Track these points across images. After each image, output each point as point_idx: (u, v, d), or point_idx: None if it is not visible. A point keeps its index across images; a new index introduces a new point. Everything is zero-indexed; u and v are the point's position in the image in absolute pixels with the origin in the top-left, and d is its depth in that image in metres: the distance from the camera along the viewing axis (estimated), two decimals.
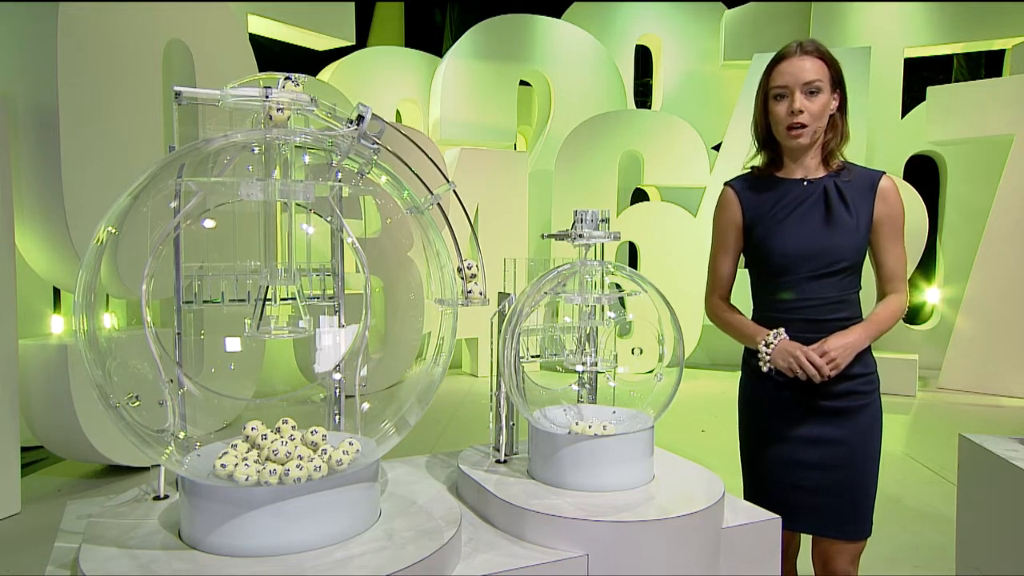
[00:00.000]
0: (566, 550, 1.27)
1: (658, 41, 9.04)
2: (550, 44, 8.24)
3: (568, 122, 7.70)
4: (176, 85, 1.22)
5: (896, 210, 1.80)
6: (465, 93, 7.97)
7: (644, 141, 7.42)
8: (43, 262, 3.99)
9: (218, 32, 4.90)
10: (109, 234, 1.18)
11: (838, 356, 1.70)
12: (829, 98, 1.77)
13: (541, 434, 1.46)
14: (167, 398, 1.29)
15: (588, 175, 7.30)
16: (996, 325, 6.49)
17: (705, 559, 1.34)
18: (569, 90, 8.20)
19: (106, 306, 1.22)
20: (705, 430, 4.78)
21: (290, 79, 1.23)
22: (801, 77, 1.74)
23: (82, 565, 1.07)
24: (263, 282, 1.28)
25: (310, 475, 1.15)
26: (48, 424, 3.93)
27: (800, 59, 1.76)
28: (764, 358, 1.76)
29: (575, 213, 1.49)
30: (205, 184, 1.27)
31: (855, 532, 1.81)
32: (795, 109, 1.74)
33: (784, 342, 1.75)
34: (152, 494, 1.38)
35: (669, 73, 8.98)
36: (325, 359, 1.43)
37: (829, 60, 1.78)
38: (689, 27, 8.92)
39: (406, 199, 1.34)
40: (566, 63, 8.23)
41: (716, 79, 8.85)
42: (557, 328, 1.58)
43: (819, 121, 1.77)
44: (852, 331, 1.74)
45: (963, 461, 2.04)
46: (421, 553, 1.12)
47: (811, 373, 1.70)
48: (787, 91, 1.77)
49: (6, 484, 3.48)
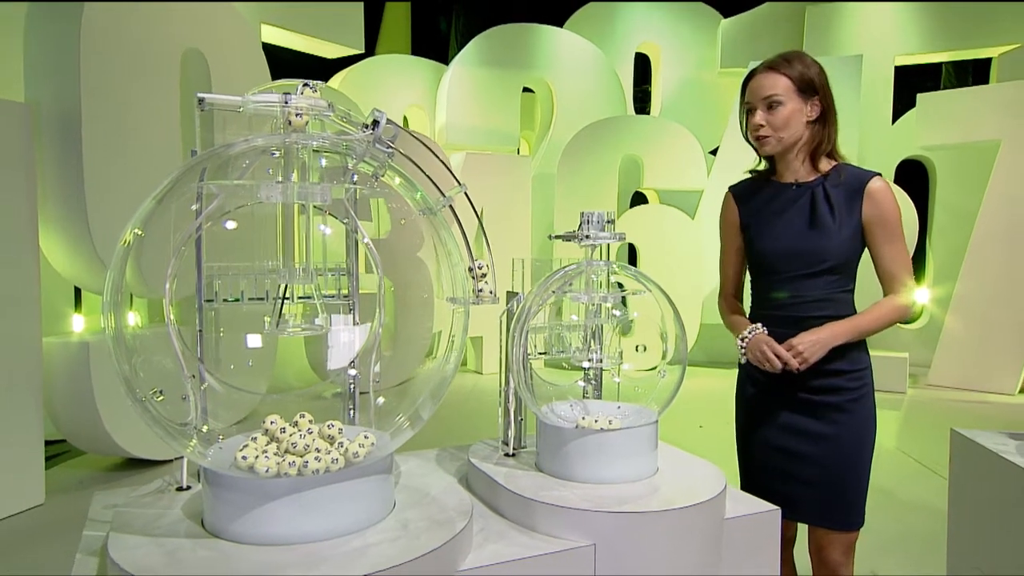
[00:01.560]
0: (574, 540, 1.27)
1: (657, 49, 9.02)
2: (552, 52, 8.23)
3: (570, 127, 7.69)
4: (197, 92, 1.22)
5: (886, 211, 1.77)
6: (470, 99, 7.96)
7: (644, 146, 7.41)
8: (65, 262, 4.00)
9: (233, 41, 4.91)
10: (136, 236, 1.18)
11: (805, 351, 1.70)
12: (796, 108, 1.78)
13: (549, 428, 1.46)
14: (189, 393, 1.29)
15: (589, 179, 7.29)
16: (983, 324, 6.48)
17: (708, 549, 1.34)
18: (571, 96, 8.20)
19: (130, 305, 1.22)
20: (703, 425, 4.78)
21: (308, 86, 1.23)
22: (759, 93, 1.79)
23: (111, 552, 1.07)
24: (282, 281, 1.28)
25: (328, 467, 1.15)
26: (70, 419, 3.94)
27: (762, 75, 1.80)
28: (740, 351, 1.81)
29: (582, 215, 1.50)
30: (225, 187, 1.27)
31: (847, 523, 1.81)
32: (754, 124, 1.80)
33: (757, 336, 1.78)
34: (175, 485, 1.38)
35: (667, 80, 8.97)
36: (340, 356, 1.43)
37: (793, 74, 1.77)
38: (687, 36, 8.91)
39: (419, 201, 1.34)
40: (568, 70, 8.23)
41: (713, 86, 8.84)
42: (564, 326, 1.58)
43: (782, 131, 1.78)
44: (824, 328, 1.74)
45: (955, 455, 2.04)
46: (435, 542, 1.12)
47: (776, 366, 1.72)
48: (751, 107, 1.82)
49: (31, 476, 3.49)
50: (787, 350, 1.72)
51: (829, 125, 1.81)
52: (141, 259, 1.27)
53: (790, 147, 1.82)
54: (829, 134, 1.81)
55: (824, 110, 1.80)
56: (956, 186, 7.55)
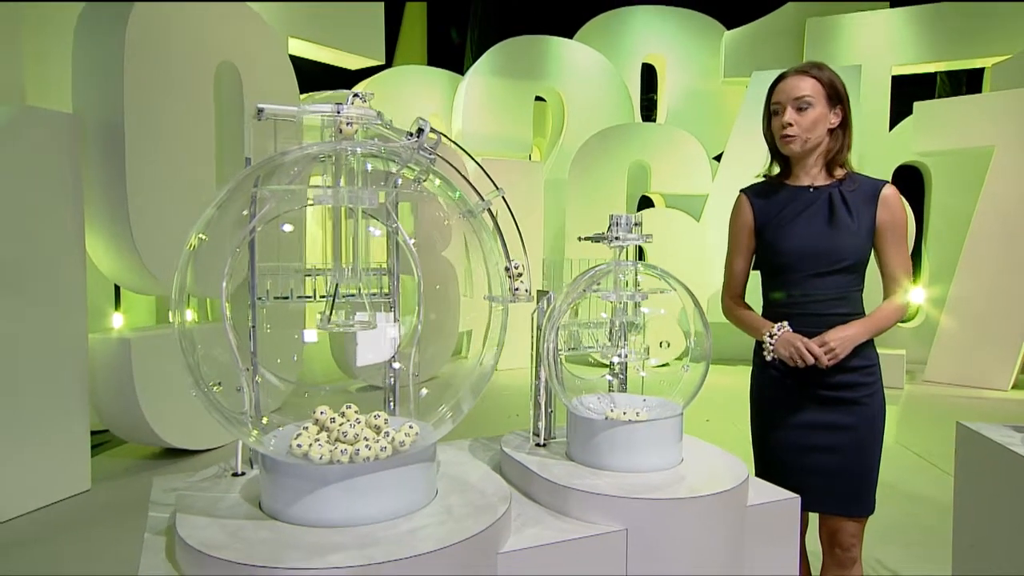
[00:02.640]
0: (607, 525, 1.27)
1: (662, 60, 9.02)
2: (563, 63, 8.24)
3: (580, 134, 7.70)
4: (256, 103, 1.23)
5: (897, 216, 1.80)
6: (485, 108, 7.98)
7: (651, 152, 7.41)
8: (108, 263, 4.04)
9: (263, 54, 4.94)
10: (200, 240, 1.20)
11: (837, 347, 1.71)
12: (823, 113, 1.79)
13: (580, 420, 1.47)
14: (243, 384, 1.31)
15: (599, 183, 7.30)
16: (977, 324, 6.44)
17: (732, 534, 1.35)
18: (581, 105, 8.20)
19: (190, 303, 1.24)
20: (709, 420, 4.77)
21: (358, 96, 1.25)
22: (792, 93, 1.79)
23: (179, 532, 1.09)
24: (333, 280, 1.29)
25: (377, 455, 1.17)
26: (113, 410, 3.98)
27: (793, 78, 1.81)
28: (768, 348, 1.80)
29: (611, 217, 1.51)
30: (278, 192, 1.29)
31: (860, 510, 1.82)
32: (784, 122, 1.80)
33: (787, 333, 1.77)
34: (231, 471, 1.40)
35: (673, 89, 8.96)
36: (383, 350, 1.45)
37: (824, 79, 1.80)
38: (691, 47, 8.90)
39: (459, 202, 1.35)
40: (578, 80, 8.23)
41: (717, 95, 8.83)
42: (592, 323, 1.59)
43: (809, 132, 1.79)
44: (852, 325, 1.76)
45: (960, 447, 2.03)
46: (479, 526, 1.14)
47: (810, 361, 1.72)
48: (780, 107, 1.82)
49: (78, 464, 3.53)
50: (820, 346, 1.72)
51: (847, 134, 1.82)
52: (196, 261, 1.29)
53: (811, 150, 1.82)
54: (847, 142, 1.82)
55: (845, 119, 1.82)
56: (951, 190, 7.51)
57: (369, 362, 1.47)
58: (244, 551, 1.04)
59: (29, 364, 3.32)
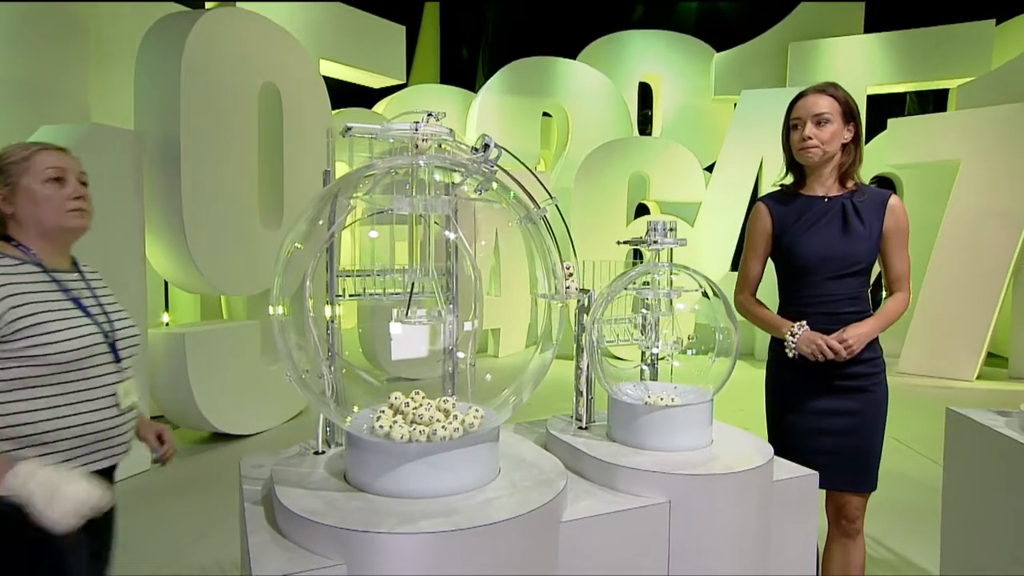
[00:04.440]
0: (652, 498, 1.31)
1: (658, 78, 9.05)
2: (568, 81, 8.27)
3: (583, 146, 7.73)
4: (346, 122, 1.27)
5: (902, 223, 1.84)
6: (496, 123, 8.01)
7: (650, 163, 7.44)
8: (164, 263, 4.07)
9: (300, 75, 4.97)
10: (295, 249, 1.24)
11: (854, 343, 1.74)
12: (839, 128, 1.81)
13: (621, 404, 1.51)
14: (324, 371, 1.35)
15: (602, 192, 7.32)
16: (945, 322, 6.49)
17: (761, 506, 1.38)
18: (584, 120, 8.24)
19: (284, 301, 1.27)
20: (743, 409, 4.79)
21: (432, 115, 1.28)
22: (812, 110, 1.81)
23: (283, 501, 1.12)
24: (410, 279, 1.33)
25: (451, 435, 1.20)
26: (169, 398, 4.02)
27: (813, 96, 1.82)
28: (790, 345, 1.80)
29: (648, 223, 1.54)
30: (359, 201, 1.32)
31: (865, 486, 1.85)
32: (804, 136, 1.82)
33: (807, 332, 1.78)
34: (312, 450, 1.43)
35: (667, 106, 8.99)
36: (445, 340, 1.48)
37: (840, 98, 1.82)
38: (684, 67, 8.93)
39: (517, 208, 1.38)
40: (581, 97, 8.26)
41: (707, 111, 8.86)
42: (630, 318, 1.63)
43: (827, 145, 1.81)
44: (866, 323, 1.78)
45: (949, 429, 2.06)
46: (544, 498, 1.17)
47: (830, 356, 1.74)
48: (800, 122, 1.83)
49: (138, 446, 3.55)
50: (839, 342, 1.74)
51: (859, 149, 1.84)
52: (290, 265, 1.33)
53: (827, 162, 1.84)
54: (858, 156, 1.84)
55: (856, 135, 1.84)
56: (921, 199, 7.53)
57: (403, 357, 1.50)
58: (343, 518, 1.07)
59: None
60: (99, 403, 1.38)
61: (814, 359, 1.77)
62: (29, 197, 1.36)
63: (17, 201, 1.36)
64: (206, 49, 3.94)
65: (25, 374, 1.28)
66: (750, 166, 7.26)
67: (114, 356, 1.42)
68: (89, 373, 1.36)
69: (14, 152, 1.38)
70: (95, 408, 1.37)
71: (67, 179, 1.42)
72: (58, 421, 1.31)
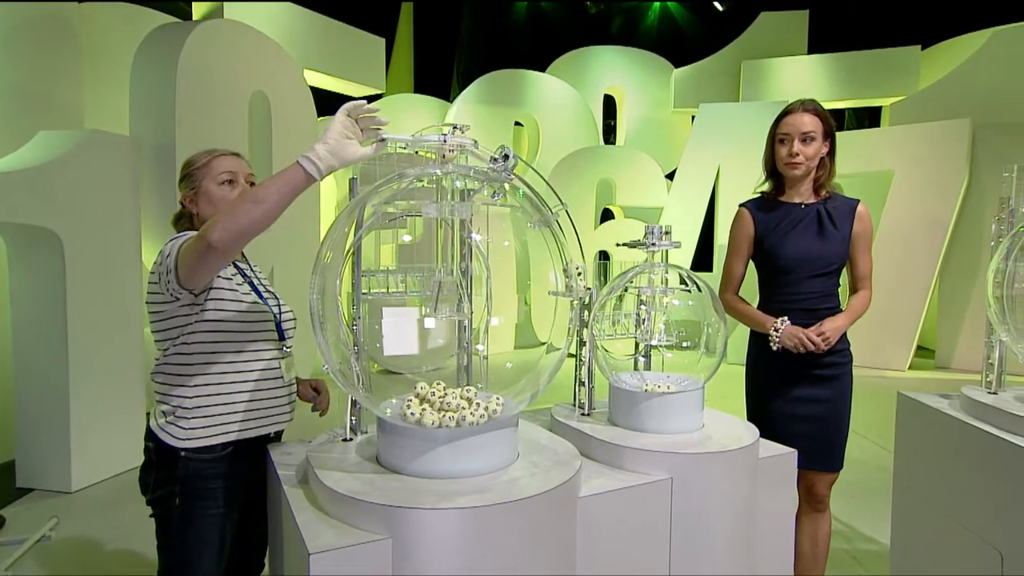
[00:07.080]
0: (656, 475, 1.37)
1: (621, 91, 9.21)
2: (538, 93, 8.35)
3: (553, 154, 7.82)
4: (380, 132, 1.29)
5: (868, 228, 1.93)
6: (471, 131, 7.99)
7: (615, 170, 7.57)
8: None
9: (288, 84, 4.92)
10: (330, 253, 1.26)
11: (831, 335, 1.83)
12: (820, 145, 1.89)
13: (622, 392, 1.56)
14: (353, 364, 1.37)
15: (571, 198, 7.39)
16: (880, 318, 6.75)
17: (750, 480, 1.46)
18: (553, 129, 8.33)
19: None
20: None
21: (457, 127, 1.32)
22: (800, 128, 1.86)
23: (325, 482, 1.15)
24: (437, 278, 1.36)
25: (477, 421, 1.24)
26: None
27: (800, 114, 1.87)
28: (774, 339, 1.86)
29: (646, 227, 1.60)
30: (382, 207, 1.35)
31: (834, 465, 1.93)
32: (793, 152, 1.87)
33: (788, 327, 1.86)
34: (341, 436, 1.45)
35: (630, 117, 9.16)
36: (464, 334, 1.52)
37: (823, 116, 1.89)
38: (646, 81, 9.12)
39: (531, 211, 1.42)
40: (550, 108, 8.35)
41: (667, 123, 9.06)
42: (629, 313, 1.69)
43: (811, 161, 1.88)
44: (839, 317, 1.87)
45: (900, 411, 2.17)
46: (563, 477, 1.22)
47: (811, 348, 1.82)
48: (788, 137, 1.88)
49: (135, 440, 3.44)
50: (818, 335, 1.82)
51: (833, 161, 1.93)
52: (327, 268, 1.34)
53: (808, 173, 1.91)
54: (832, 168, 1.93)
55: (832, 149, 1.92)
56: None
57: (395, 352, 1.53)
58: (387, 496, 1.11)
59: (97, 356, 3.28)
60: (268, 374, 1.47)
61: (796, 351, 1.84)
62: (208, 198, 1.49)
63: (199, 201, 1.50)
64: (199, 59, 3.88)
65: (211, 350, 1.39)
66: (708, 173, 7.46)
67: (279, 334, 1.50)
68: (261, 347, 1.46)
69: (198, 159, 1.52)
70: (265, 378, 1.46)
71: (238, 181, 1.53)
72: (238, 385, 1.42)
